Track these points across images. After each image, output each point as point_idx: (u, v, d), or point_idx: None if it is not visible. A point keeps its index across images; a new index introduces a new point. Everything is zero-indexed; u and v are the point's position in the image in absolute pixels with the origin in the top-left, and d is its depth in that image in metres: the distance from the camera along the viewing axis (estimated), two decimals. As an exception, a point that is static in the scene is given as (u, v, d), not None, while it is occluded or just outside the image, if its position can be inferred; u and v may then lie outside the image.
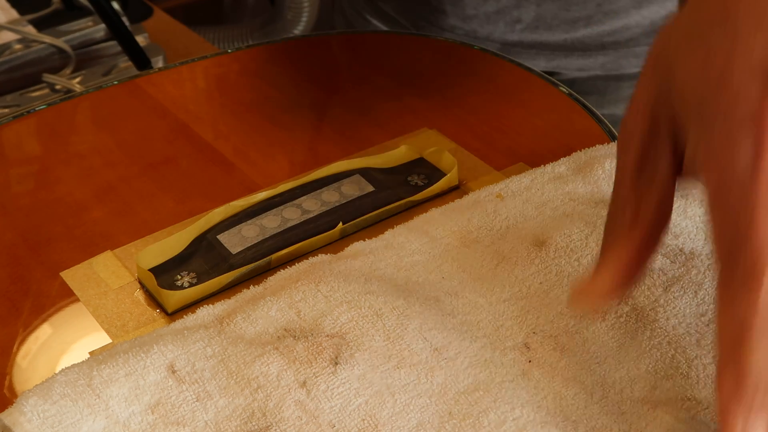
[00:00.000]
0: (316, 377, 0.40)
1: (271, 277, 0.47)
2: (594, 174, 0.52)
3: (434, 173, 0.56)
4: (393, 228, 0.50)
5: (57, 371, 0.41)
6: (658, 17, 0.75)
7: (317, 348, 0.41)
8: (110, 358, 0.41)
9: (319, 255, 0.48)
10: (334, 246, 0.51)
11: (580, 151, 0.55)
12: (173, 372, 0.40)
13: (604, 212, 0.49)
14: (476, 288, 0.45)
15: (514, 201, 0.50)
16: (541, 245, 0.47)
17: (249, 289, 0.46)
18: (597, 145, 0.55)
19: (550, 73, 0.76)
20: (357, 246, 0.49)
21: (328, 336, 0.42)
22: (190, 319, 0.44)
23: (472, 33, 0.78)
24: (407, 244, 0.48)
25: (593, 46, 0.77)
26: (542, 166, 0.54)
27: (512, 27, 0.76)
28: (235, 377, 0.40)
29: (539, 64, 0.78)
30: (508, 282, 0.46)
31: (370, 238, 0.49)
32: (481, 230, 0.49)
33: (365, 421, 0.39)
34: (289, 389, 0.40)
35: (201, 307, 0.45)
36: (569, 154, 0.55)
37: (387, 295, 0.44)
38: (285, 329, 0.42)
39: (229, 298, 0.46)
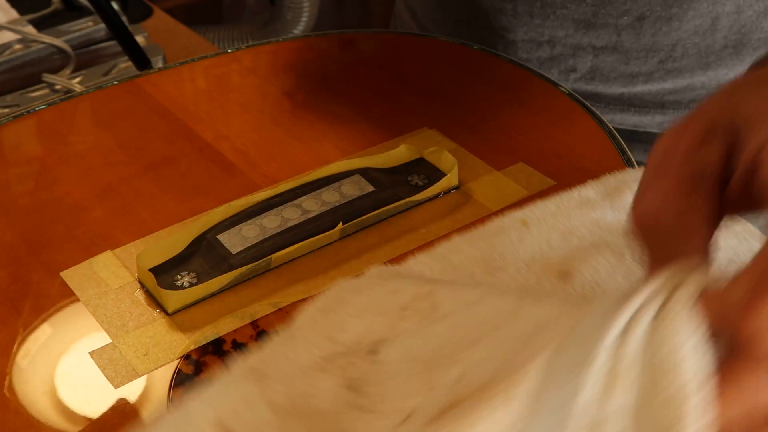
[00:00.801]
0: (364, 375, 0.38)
1: (299, 317, 0.43)
2: (623, 200, 0.50)
3: (434, 173, 0.56)
4: (416, 256, 0.48)
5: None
6: (726, 79, 0.70)
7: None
8: None
9: (344, 281, 0.44)
10: (341, 249, 0.51)
11: (609, 174, 0.52)
12: (224, 429, 0.38)
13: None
14: (498, 338, 0.43)
15: (540, 228, 0.49)
16: (566, 277, 0.45)
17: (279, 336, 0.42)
18: (627, 169, 0.53)
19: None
20: (380, 271, 0.45)
21: None
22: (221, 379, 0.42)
23: None
24: (429, 274, 0.46)
25: (651, 104, 0.73)
26: (569, 189, 0.51)
27: (566, 75, 0.73)
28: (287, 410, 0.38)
29: None
30: (532, 320, 0.44)
31: (374, 239, 0.49)
32: (505, 258, 0.47)
33: None
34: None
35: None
36: (569, 154, 0.55)
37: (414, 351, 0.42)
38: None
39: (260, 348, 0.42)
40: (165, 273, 0.49)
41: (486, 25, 0.74)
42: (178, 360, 0.45)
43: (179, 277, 0.49)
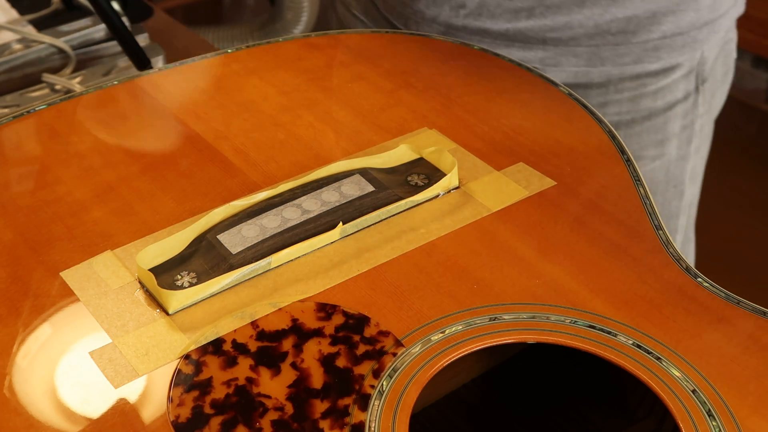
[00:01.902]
0: None
1: None
2: None
3: (434, 173, 0.56)
4: None
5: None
6: (602, 21, 0.75)
7: None
8: None
9: None
10: (341, 249, 0.51)
11: None
12: None
13: None
14: None
15: None
16: None
17: None
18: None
19: None
20: None
21: None
22: None
23: (420, 14, 0.79)
24: None
25: (534, 40, 0.77)
26: None
27: (456, 12, 0.77)
28: None
29: None
30: None
31: (374, 239, 0.49)
32: None
33: None
34: None
35: None
36: (569, 154, 0.55)
37: None
38: None
39: None
40: (165, 273, 0.49)
41: None
42: (178, 360, 0.45)
43: (179, 277, 0.49)
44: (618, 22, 0.75)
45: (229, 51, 0.69)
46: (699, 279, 0.50)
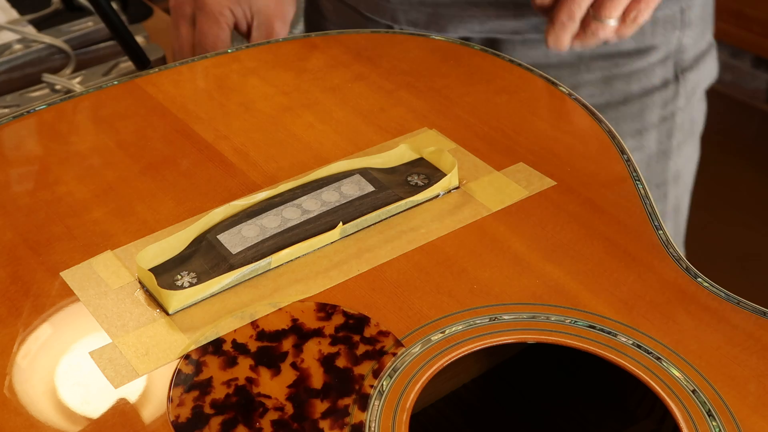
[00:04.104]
0: None
1: None
2: None
3: (434, 173, 0.56)
4: None
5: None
6: None
7: None
8: None
9: None
10: (341, 249, 0.51)
11: None
12: None
13: None
14: None
15: None
16: None
17: None
18: None
19: (491, 42, 0.76)
20: None
21: None
22: None
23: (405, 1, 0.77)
24: None
25: (525, 5, 0.74)
26: None
27: None
28: None
29: (474, 29, 0.77)
30: None
31: (374, 239, 0.49)
32: None
33: None
34: None
35: None
36: (569, 154, 0.55)
37: None
38: None
39: None
40: (165, 273, 0.49)
41: None
42: (178, 360, 0.45)
43: (179, 277, 0.49)
44: None
45: (229, 51, 0.69)
46: (699, 279, 0.50)
